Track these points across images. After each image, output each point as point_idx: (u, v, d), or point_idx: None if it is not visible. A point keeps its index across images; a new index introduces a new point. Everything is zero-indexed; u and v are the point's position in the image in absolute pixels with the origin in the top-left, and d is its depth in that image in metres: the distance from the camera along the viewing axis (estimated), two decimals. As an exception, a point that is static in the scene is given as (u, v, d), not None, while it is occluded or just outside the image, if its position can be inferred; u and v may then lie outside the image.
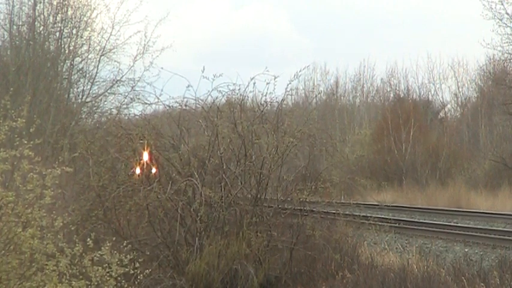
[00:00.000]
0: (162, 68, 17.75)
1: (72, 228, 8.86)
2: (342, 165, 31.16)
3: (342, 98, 46.58)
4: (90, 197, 11.03)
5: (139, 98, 19.94)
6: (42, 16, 23.91)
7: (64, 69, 24.71)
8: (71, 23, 24.25)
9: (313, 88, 46.25)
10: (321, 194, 11.85)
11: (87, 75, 24.77)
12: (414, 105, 37.09)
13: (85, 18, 24.51)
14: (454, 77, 41.94)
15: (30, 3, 23.83)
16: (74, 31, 24.33)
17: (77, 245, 7.54)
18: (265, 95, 11.83)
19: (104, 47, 24.45)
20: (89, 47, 24.64)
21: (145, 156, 10.85)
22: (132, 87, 23.85)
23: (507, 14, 25.77)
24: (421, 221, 19.16)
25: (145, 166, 10.92)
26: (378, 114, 40.91)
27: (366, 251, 12.16)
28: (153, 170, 11.03)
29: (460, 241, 14.79)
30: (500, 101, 30.93)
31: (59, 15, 23.96)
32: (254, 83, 11.73)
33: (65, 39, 24.16)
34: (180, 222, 10.47)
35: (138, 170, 10.85)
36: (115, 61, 24.57)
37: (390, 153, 33.78)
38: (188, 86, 11.69)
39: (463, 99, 42.05)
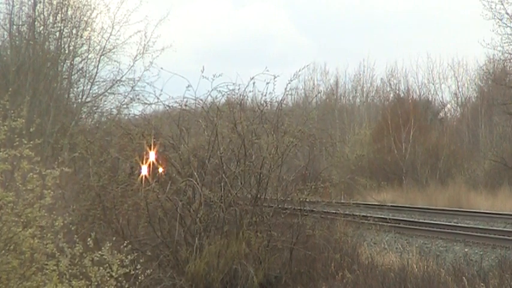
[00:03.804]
0: (162, 68, 17.71)
1: (72, 228, 8.85)
2: (341, 165, 31.20)
3: (342, 98, 46.65)
4: (89, 197, 11.03)
5: (139, 98, 19.94)
6: (42, 16, 23.94)
7: (64, 69, 24.75)
8: (71, 23, 24.29)
9: (313, 88, 46.36)
10: (321, 194, 11.84)
11: (87, 75, 24.83)
12: (414, 105, 37.09)
13: (85, 18, 24.58)
14: (454, 77, 42.02)
15: (30, 3, 23.89)
16: (74, 31, 24.38)
17: (77, 244, 7.54)
18: (265, 95, 11.85)
19: (104, 47, 24.53)
20: (89, 47, 24.72)
21: (152, 156, 10.86)
22: (132, 87, 23.93)
23: (507, 14, 25.78)
24: (421, 221, 19.16)
25: (151, 166, 10.91)
26: (378, 114, 40.93)
27: (366, 251, 12.16)
28: (160, 170, 11.03)
29: (460, 241, 14.78)
30: (500, 101, 30.93)
31: (59, 15, 24.00)
32: (254, 83, 11.74)
33: (65, 39, 24.20)
34: (179, 222, 10.48)
35: (144, 170, 10.82)
36: (115, 61, 24.65)
37: (390, 153, 33.78)
38: (188, 86, 11.69)
39: (463, 99, 42.12)
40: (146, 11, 53.67)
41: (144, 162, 10.92)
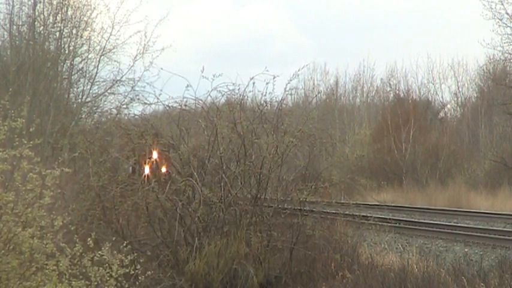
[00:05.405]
0: (162, 68, 17.73)
1: (72, 228, 8.85)
2: (341, 165, 31.25)
3: (342, 98, 46.63)
4: (89, 197, 11.03)
5: (139, 98, 19.90)
6: (42, 16, 23.92)
7: (64, 69, 24.73)
8: (71, 23, 24.27)
9: (313, 88, 46.35)
10: (321, 194, 11.84)
11: (87, 75, 24.81)
12: (414, 105, 37.11)
13: (85, 18, 24.56)
14: (454, 77, 42.01)
15: (30, 3, 23.87)
16: (74, 31, 24.36)
17: (77, 244, 7.54)
18: (265, 95, 11.86)
19: (104, 47, 24.50)
20: (89, 47, 24.69)
21: (154, 155, 10.85)
22: (132, 87, 23.89)
23: (507, 14, 25.79)
24: (421, 221, 19.15)
25: (151, 166, 10.91)
26: (378, 114, 40.93)
27: (366, 251, 12.15)
28: (163, 169, 11.03)
29: (460, 241, 14.78)
30: (500, 101, 30.93)
31: (59, 15, 23.98)
32: (254, 83, 11.75)
33: (65, 39, 24.17)
34: (179, 222, 10.48)
35: (146, 170, 10.80)
36: (115, 61, 24.61)
37: (390, 153, 33.79)
38: (188, 86, 11.70)
39: (463, 99, 42.12)
40: (146, 11, 53.59)
41: (145, 162, 10.92)
